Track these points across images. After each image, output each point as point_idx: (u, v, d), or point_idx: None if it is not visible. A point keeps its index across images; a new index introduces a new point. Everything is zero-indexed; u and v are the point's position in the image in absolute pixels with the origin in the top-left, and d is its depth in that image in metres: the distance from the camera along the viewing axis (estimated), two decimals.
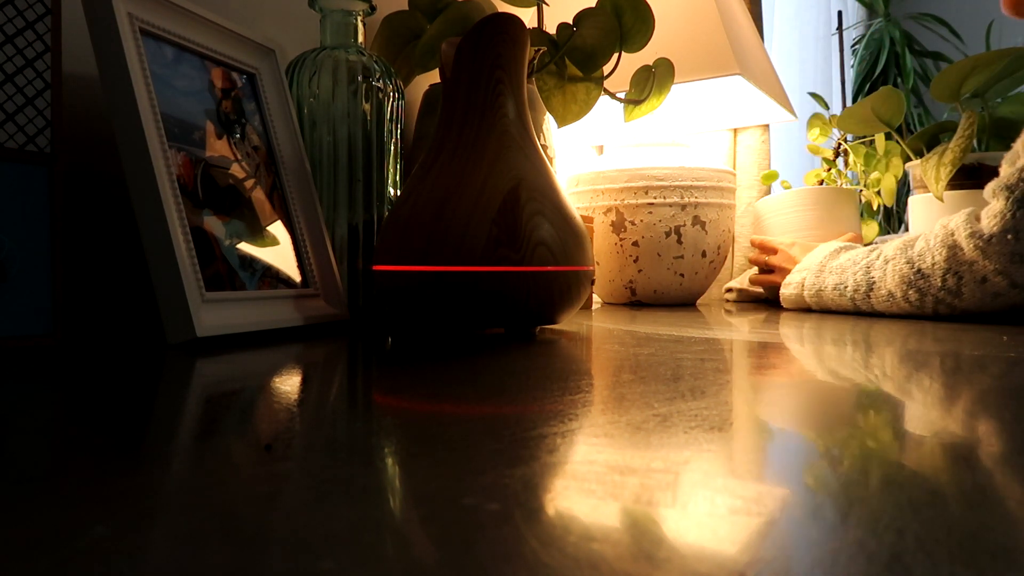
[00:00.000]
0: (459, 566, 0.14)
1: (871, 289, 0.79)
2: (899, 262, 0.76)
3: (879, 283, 0.78)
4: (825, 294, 0.85)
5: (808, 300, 0.88)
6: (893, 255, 0.77)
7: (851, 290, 0.81)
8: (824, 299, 0.86)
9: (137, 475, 0.20)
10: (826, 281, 0.85)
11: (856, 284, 0.81)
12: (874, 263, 0.80)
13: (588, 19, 0.77)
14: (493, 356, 0.45)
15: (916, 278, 0.74)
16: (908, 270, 0.75)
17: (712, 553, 0.15)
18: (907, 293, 0.75)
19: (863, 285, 0.80)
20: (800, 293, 0.89)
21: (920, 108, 2.62)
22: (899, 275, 0.76)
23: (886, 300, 0.77)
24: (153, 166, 0.49)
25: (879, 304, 0.79)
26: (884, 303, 0.78)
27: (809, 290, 0.88)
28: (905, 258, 0.76)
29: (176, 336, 0.48)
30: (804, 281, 0.89)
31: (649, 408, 0.30)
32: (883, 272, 0.78)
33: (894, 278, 0.76)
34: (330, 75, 0.68)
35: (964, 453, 0.23)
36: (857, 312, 0.83)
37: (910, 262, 0.75)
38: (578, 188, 1.04)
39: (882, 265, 0.78)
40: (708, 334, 0.60)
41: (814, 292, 0.87)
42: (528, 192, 0.54)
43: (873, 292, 0.79)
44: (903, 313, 0.77)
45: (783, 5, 2.46)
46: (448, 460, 0.22)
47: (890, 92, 0.90)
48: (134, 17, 0.52)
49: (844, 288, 0.82)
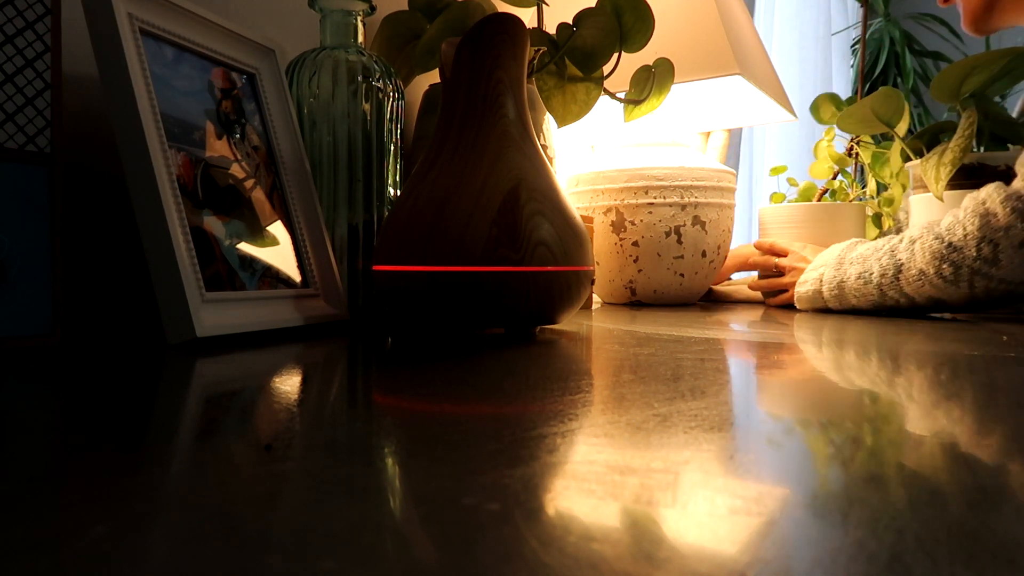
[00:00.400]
0: (459, 566, 0.14)
1: (899, 271, 0.75)
2: (927, 239, 0.73)
3: (907, 264, 0.75)
4: (848, 285, 0.81)
5: (827, 296, 0.84)
6: (919, 235, 0.74)
7: (877, 275, 0.78)
8: (846, 292, 0.82)
9: (137, 475, 0.20)
10: (848, 272, 0.81)
11: (882, 269, 0.77)
12: (898, 246, 0.77)
13: (588, 19, 0.77)
14: (493, 356, 0.45)
15: (948, 252, 0.71)
16: (939, 245, 0.72)
17: (712, 553, 0.15)
18: (940, 268, 0.72)
19: (890, 269, 0.76)
20: (818, 289, 0.85)
21: (920, 108, 2.62)
22: (929, 252, 0.72)
23: (917, 280, 0.74)
24: (153, 166, 0.49)
25: (909, 286, 0.75)
26: (915, 283, 0.74)
27: (828, 284, 0.84)
28: (933, 235, 0.73)
29: (176, 336, 0.48)
30: (823, 276, 0.85)
31: (649, 408, 0.30)
32: (910, 252, 0.75)
33: (924, 256, 0.73)
34: (330, 75, 0.68)
35: (964, 453, 0.23)
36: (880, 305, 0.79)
37: (939, 237, 0.72)
38: (578, 188, 1.04)
39: (908, 246, 0.75)
40: (708, 334, 0.60)
41: (835, 285, 0.83)
42: (528, 192, 0.54)
43: (902, 274, 0.75)
44: (935, 296, 0.74)
45: (783, 5, 2.46)
46: (448, 460, 0.22)
47: (890, 92, 0.90)
48: (134, 17, 0.52)
49: (869, 275, 0.79)
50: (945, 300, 0.74)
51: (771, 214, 1.07)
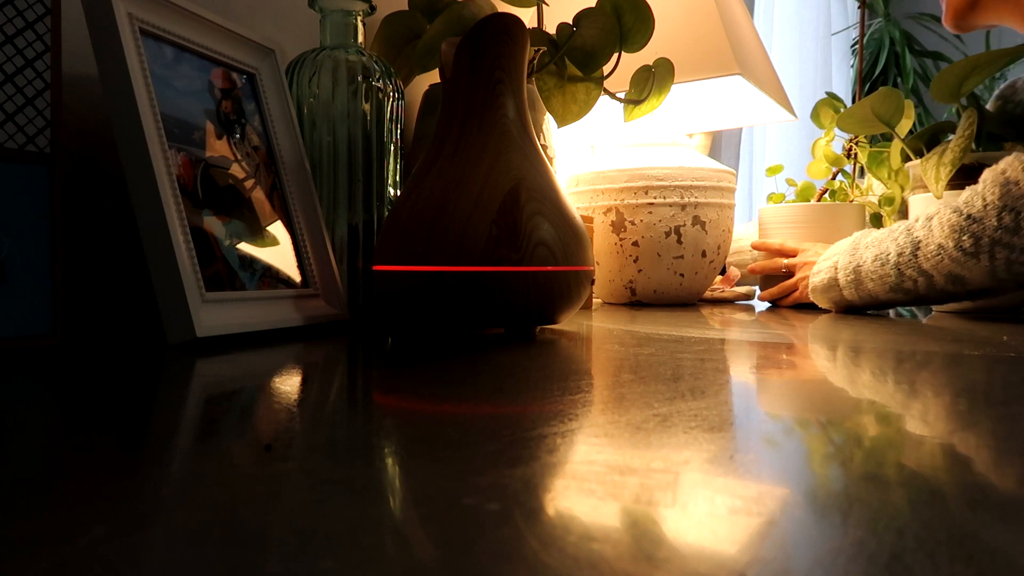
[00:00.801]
0: (459, 566, 0.14)
1: (917, 248, 0.74)
2: (945, 213, 0.72)
3: (925, 240, 0.73)
4: (864, 269, 0.79)
5: (843, 283, 0.82)
6: (936, 211, 0.73)
7: (895, 255, 0.76)
8: (863, 276, 0.80)
9: (137, 475, 0.20)
10: (863, 256, 0.80)
11: (900, 248, 0.76)
12: (914, 225, 0.75)
13: (588, 19, 0.77)
14: (493, 356, 0.45)
15: (968, 223, 0.70)
16: (957, 218, 0.71)
17: (712, 553, 0.15)
18: (960, 241, 0.70)
19: (907, 247, 0.75)
20: (834, 277, 0.83)
21: (920, 108, 2.62)
22: (948, 225, 0.71)
23: (935, 255, 0.72)
24: (153, 166, 0.49)
25: (927, 262, 0.73)
26: (933, 259, 0.73)
27: (844, 270, 0.82)
28: (951, 208, 0.72)
29: (176, 336, 0.48)
30: (837, 264, 0.83)
31: (649, 408, 0.30)
32: (928, 229, 0.73)
33: (943, 230, 0.72)
34: (330, 75, 0.68)
35: (964, 453, 0.23)
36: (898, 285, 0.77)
37: (957, 211, 0.71)
38: (578, 188, 1.04)
39: (925, 223, 0.74)
40: (708, 334, 0.60)
41: (850, 271, 0.81)
42: (528, 192, 0.54)
43: (920, 251, 0.74)
44: (955, 271, 0.72)
45: (783, 5, 2.46)
46: (448, 460, 0.22)
47: (890, 92, 0.90)
48: (134, 17, 0.52)
49: (886, 256, 0.77)
50: (965, 276, 0.73)
51: (770, 214, 1.06)
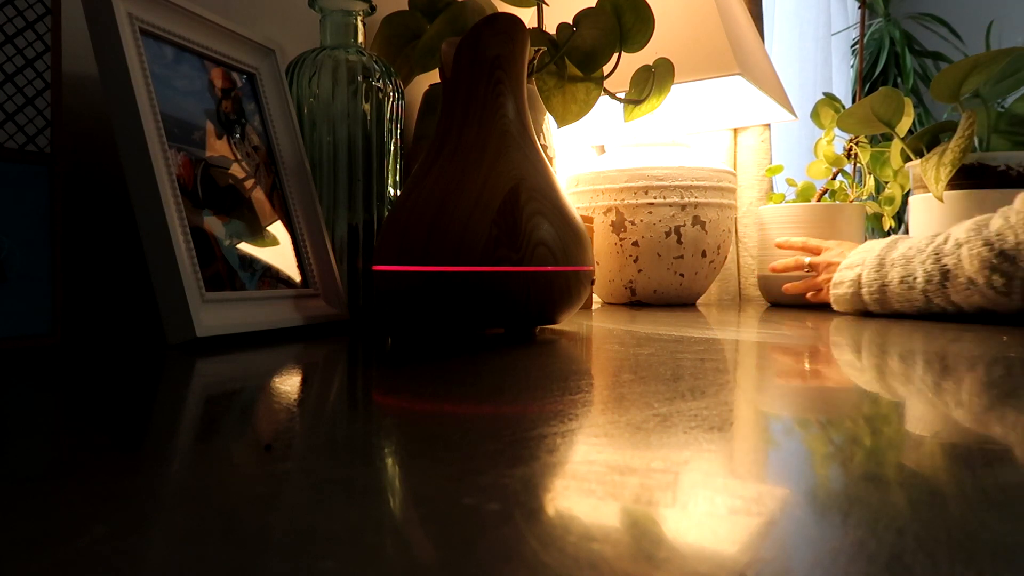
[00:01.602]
0: (459, 566, 0.14)
1: (946, 279, 0.70)
2: (976, 245, 0.68)
3: (955, 271, 0.69)
4: (890, 289, 0.76)
5: (868, 300, 0.79)
6: (966, 238, 0.69)
7: (922, 282, 0.72)
8: (889, 296, 0.76)
9: (137, 475, 0.20)
10: (890, 276, 0.76)
11: (927, 275, 0.72)
12: (943, 249, 0.71)
13: (588, 19, 0.77)
14: (493, 356, 0.45)
15: (1000, 262, 0.66)
16: (989, 253, 0.67)
17: (712, 553, 0.15)
18: (991, 279, 0.67)
19: (936, 275, 0.71)
20: (856, 292, 0.80)
21: (920, 108, 2.62)
22: (979, 259, 0.67)
23: (965, 289, 0.69)
24: (153, 166, 0.49)
25: (957, 295, 0.70)
26: (963, 292, 0.69)
27: (869, 287, 0.78)
28: (982, 240, 0.68)
29: (176, 336, 0.48)
30: (860, 278, 0.79)
31: (649, 408, 0.30)
32: (957, 258, 0.69)
33: (973, 264, 0.68)
34: (330, 75, 0.68)
35: (964, 453, 0.23)
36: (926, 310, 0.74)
37: (989, 244, 0.67)
38: (578, 188, 1.04)
39: (954, 250, 0.70)
40: (708, 334, 0.60)
41: (876, 288, 0.77)
42: (528, 192, 0.54)
43: (950, 282, 0.70)
44: (985, 306, 0.69)
45: (783, 5, 2.46)
46: (448, 460, 0.22)
47: (890, 92, 0.90)
48: (134, 17, 0.52)
49: (913, 280, 0.73)
50: (996, 311, 0.70)
51: (771, 214, 1.06)
